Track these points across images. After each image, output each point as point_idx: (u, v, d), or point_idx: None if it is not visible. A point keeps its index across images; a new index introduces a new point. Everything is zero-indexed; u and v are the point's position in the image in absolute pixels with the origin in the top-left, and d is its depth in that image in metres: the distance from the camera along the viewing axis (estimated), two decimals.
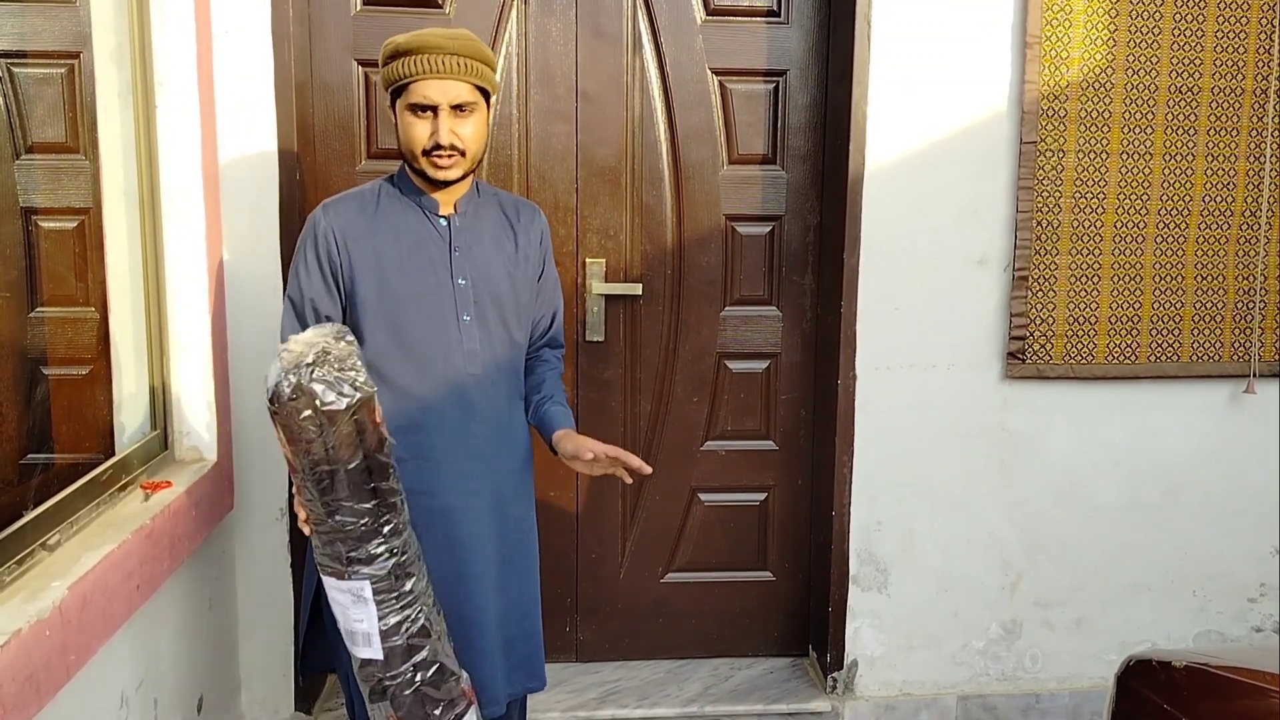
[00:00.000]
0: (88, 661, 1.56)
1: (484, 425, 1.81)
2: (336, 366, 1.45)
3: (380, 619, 1.56)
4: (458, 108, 1.71)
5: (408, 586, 1.59)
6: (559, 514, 2.65)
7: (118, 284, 2.05)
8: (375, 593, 1.55)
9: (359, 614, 1.56)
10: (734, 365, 2.67)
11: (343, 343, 1.49)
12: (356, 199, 1.81)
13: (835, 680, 2.60)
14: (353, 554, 1.53)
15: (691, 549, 2.73)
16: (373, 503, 1.53)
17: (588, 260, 2.57)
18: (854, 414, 2.51)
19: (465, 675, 1.69)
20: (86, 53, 2.00)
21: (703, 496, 2.72)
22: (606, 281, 2.58)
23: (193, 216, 2.14)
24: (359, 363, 1.49)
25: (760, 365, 2.68)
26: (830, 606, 2.58)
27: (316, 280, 1.76)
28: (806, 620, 2.79)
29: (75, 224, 2.02)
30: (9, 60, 1.86)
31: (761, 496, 2.74)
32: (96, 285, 2.03)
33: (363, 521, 1.52)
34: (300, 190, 2.36)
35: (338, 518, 1.52)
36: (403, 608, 1.57)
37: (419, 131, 1.71)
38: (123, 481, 1.92)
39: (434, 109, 1.70)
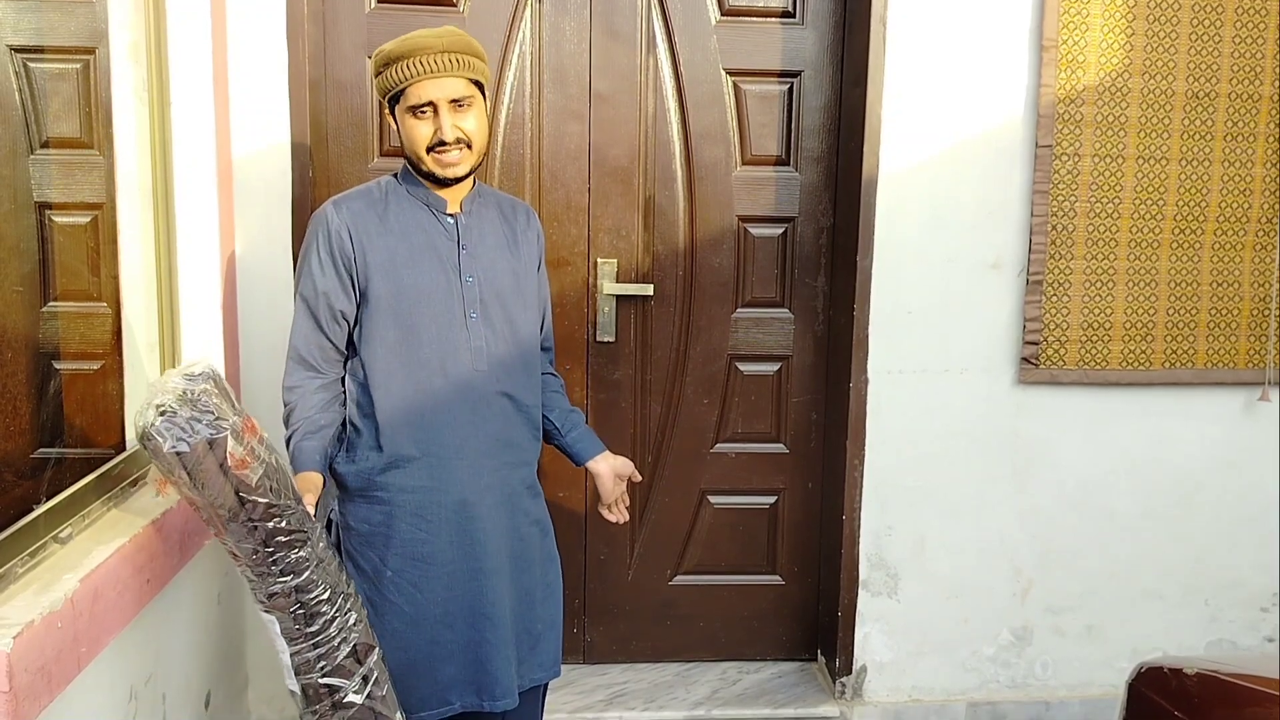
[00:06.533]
0: (98, 654, 1.56)
1: (493, 422, 1.82)
2: (189, 410, 1.43)
3: (292, 655, 1.58)
4: (456, 103, 1.72)
5: (315, 627, 1.59)
6: (568, 515, 2.65)
7: (131, 279, 2.05)
8: (281, 631, 1.58)
9: (279, 646, 1.60)
10: (745, 367, 2.66)
11: (201, 384, 1.46)
12: (364, 197, 1.82)
13: (844, 685, 2.59)
14: (255, 591, 1.58)
15: (700, 551, 2.73)
16: (256, 543, 1.53)
17: (599, 260, 2.57)
18: (865, 418, 2.50)
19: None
20: (102, 48, 2.00)
21: (712, 499, 2.71)
22: (618, 282, 2.58)
23: (206, 212, 2.14)
24: (217, 403, 1.47)
25: (772, 368, 2.67)
26: (840, 611, 2.57)
27: (331, 276, 1.76)
28: (815, 624, 2.77)
29: (89, 219, 2.02)
30: (25, 55, 1.86)
31: (771, 500, 2.73)
32: (109, 280, 2.03)
33: (254, 559, 1.54)
34: (313, 187, 2.36)
35: (236, 554, 1.55)
36: (314, 646, 1.58)
37: (422, 131, 1.72)
38: (134, 476, 1.92)
39: (433, 107, 1.71)
